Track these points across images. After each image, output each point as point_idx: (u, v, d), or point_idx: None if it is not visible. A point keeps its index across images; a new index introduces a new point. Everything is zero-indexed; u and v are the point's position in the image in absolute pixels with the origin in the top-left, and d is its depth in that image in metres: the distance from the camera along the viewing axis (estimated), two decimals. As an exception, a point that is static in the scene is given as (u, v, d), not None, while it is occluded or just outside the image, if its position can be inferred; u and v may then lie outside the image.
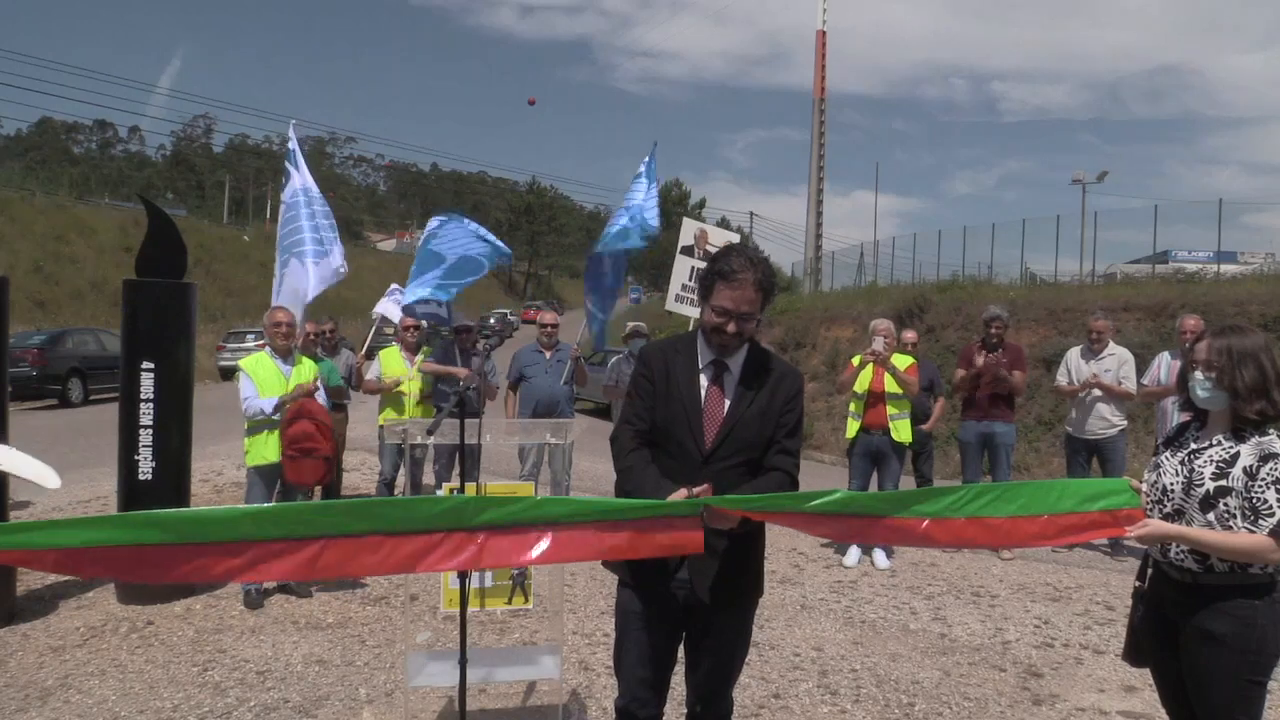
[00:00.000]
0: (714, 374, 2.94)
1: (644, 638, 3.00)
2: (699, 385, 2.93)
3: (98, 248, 40.75)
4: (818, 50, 34.06)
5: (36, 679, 4.69)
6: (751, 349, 2.98)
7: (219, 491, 9.55)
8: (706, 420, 2.90)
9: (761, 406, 2.91)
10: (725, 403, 2.92)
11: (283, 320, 5.95)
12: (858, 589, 6.66)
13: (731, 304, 2.82)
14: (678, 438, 2.91)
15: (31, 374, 18.40)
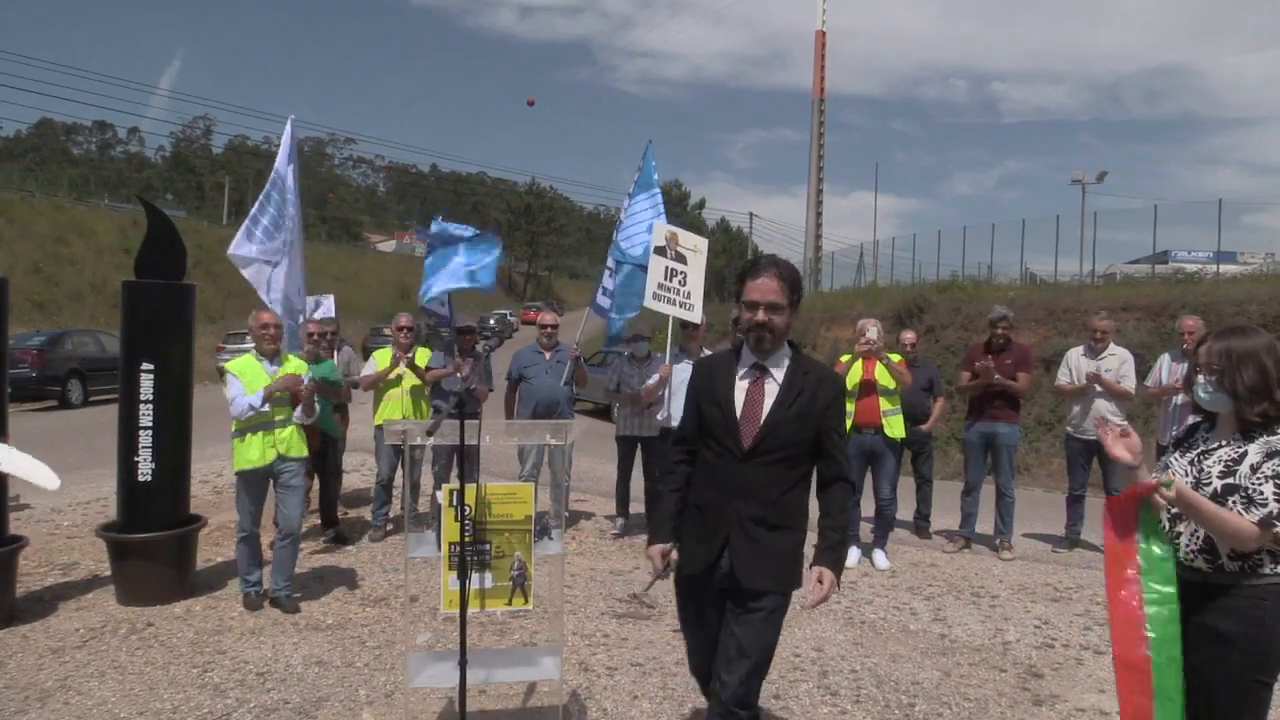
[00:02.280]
0: (755, 377, 3.18)
1: (697, 624, 3.34)
2: (735, 389, 3.17)
3: (97, 249, 40.73)
4: (817, 51, 34.08)
5: (36, 680, 4.68)
6: (793, 355, 3.23)
7: (218, 493, 9.55)
8: (746, 422, 3.12)
9: (801, 409, 3.12)
10: (765, 405, 3.13)
11: (269, 322, 5.89)
12: (858, 589, 6.66)
13: (758, 295, 3.10)
14: (718, 437, 3.16)
15: (31, 375, 18.37)
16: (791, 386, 3.15)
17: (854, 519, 7.43)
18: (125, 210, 47.31)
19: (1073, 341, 11.19)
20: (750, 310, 3.12)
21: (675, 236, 7.51)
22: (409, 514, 6.15)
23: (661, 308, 7.35)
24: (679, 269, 7.40)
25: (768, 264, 3.16)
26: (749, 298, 3.13)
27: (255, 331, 5.87)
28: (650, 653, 5.20)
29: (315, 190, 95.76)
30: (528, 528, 3.94)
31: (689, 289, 7.40)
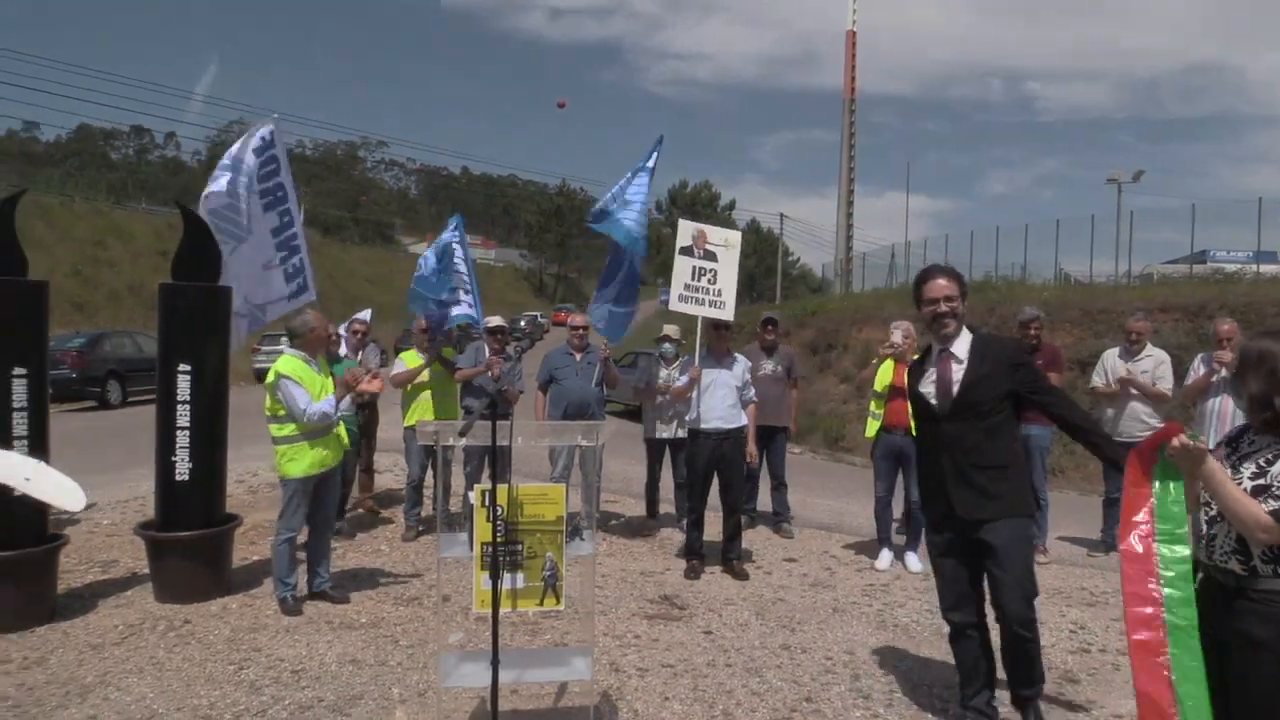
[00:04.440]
0: (942, 359, 4.09)
1: (941, 562, 4.16)
2: (923, 375, 4.17)
3: (135, 252, 41.35)
4: (848, 51, 33.95)
5: (76, 676, 4.76)
6: (975, 336, 4.10)
7: (253, 492, 9.66)
8: (940, 391, 4.04)
9: (985, 372, 3.97)
10: (954, 377, 4.01)
11: (318, 325, 5.96)
12: (890, 592, 6.62)
13: (935, 292, 4.05)
14: (921, 412, 4.21)
15: (71, 376, 18.69)
16: (976, 357, 4.00)
17: (885, 521, 7.39)
18: (162, 214, 47.94)
19: (1108, 343, 11.04)
20: (931, 305, 4.04)
21: (703, 234, 7.45)
22: (441, 514, 6.19)
23: (689, 309, 7.29)
24: (708, 267, 7.33)
25: (936, 269, 4.19)
26: (929, 295, 4.05)
27: (319, 334, 5.92)
28: (681, 654, 5.20)
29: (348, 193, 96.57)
30: (559, 528, 3.95)
31: (720, 286, 7.33)
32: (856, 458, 14.81)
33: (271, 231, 7.33)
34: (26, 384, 5.54)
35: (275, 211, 7.37)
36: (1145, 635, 2.74)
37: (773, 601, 6.32)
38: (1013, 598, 3.91)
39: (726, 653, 5.25)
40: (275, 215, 7.37)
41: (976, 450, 3.94)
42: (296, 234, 7.55)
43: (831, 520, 9.24)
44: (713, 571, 7.00)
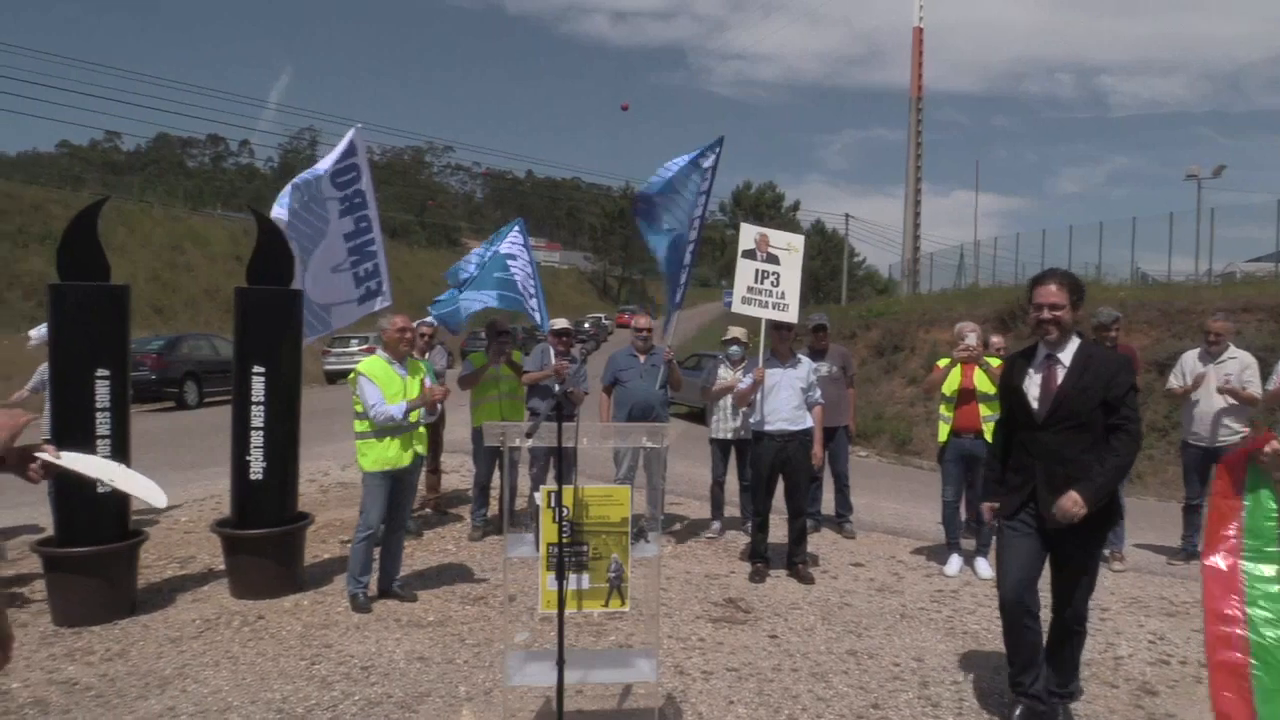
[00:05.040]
0: (1047, 364, 4.08)
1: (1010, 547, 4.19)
2: (1026, 374, 4.14)
3: (211, 256, 42.55)
4: (914, 48, 33.47)
5: (156, 668, 4.90)
6: (1081, 344, 4.08)
7: (324, 491, 9.85)
8: (1042, 396, 4.04)
9: (1087, 383, 3.96)
10: (1056, 383, 4.01)
11: (404, 326, 6.07)
12: (959, 599, 6.50)
13: (1041, 298, 4.05)
14: (1019, 414, 4.16)
15: (151, 377, 19.25)
16: (1078, 367, 3.99)
17: (953, 525, 7.26)
18: (237, 219, 49.28)
19: (1188, 344, 10.69)
20: (1037, 310, 4.05)
21: (765, 239, 7.41)
22: (507, 515, 6.24)
23: (752, 311, 7.26)
24: (771, 270, 7.30)
25: (1050, 274, 4.14)
26: (1036, 300, 4.06)
27: (390, 335, 6.01)
28: (746, 658, 5.16)
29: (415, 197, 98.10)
30: (624, 530, 3.95)
31: (783, 289, 7.29)
32: (924, 461, 14.59)
33: (345, 236, 7.49)
34: (109, 385, 5.72)
35: (352, 217, 7.53)
36: (1227, 655, 2.64)
37: (839, 606, 6.25)
38: (1074, 595, 4.08)
39: (792, 657, 5.20)
40: (351, 221, 7.53)
41: (1074, 462, 3.96)
42: (374, 240, 7.70)
43: (898, 524, 9.11)
44: (778, 575, 6.95)
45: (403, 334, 6.01)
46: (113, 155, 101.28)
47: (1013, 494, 4.19)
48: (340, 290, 7.54)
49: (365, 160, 7.66)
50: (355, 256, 7.59)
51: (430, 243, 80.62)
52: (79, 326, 5.72)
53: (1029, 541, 4.13)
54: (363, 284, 7.68)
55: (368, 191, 7.62)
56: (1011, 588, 4.17)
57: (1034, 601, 4.17)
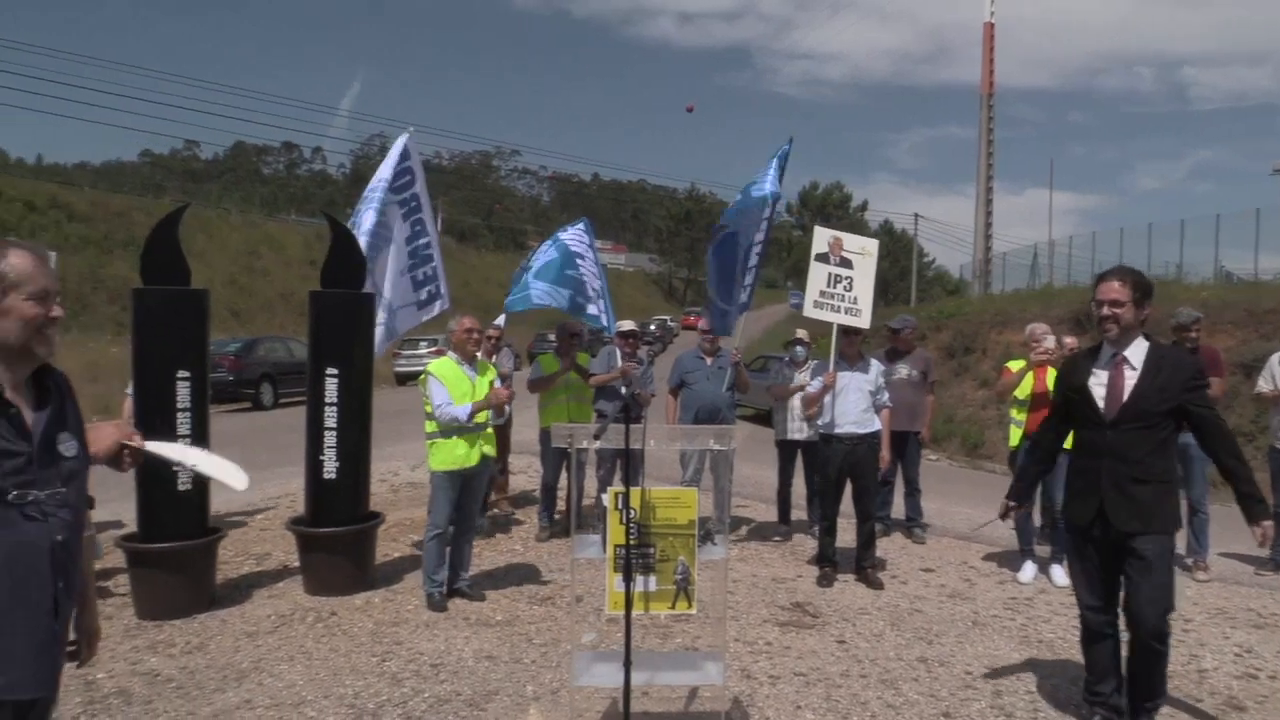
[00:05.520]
0: (1115, 364, 4.02)
1: (1082, 561, 4.17)
2: (1091, 373, 4.07)
3: (285, 261, 43.61)
4: (985, 44, 32.85)
5: (233, 661, 5.03)
6: (1151, 345, 4.02)
7: (395, 491, 10.01)
8: (1110, 396, 3.98)
9: (1159, 385, 3.90)
10: (1126, 384, 3.95)
11: (472, 327, 6.14)
12: (1033, 606, 6.34)
13: (1102, 294, 3.99)
14: (1083, 413, 4.08)
15: (228, 379, 19.78)
16: (1151, 368, 3.93)
17: (1027, 532, 7.09)
18: (310, 224, 50.47)
19: (1276, 345, 10.32)
20: (1098, 307, 4.01)
21: (839, 242, 7.33)
22: (574, 516, 6.28)
23: (824, 315, 7.19)
24: (844, 274, 7.21)
25: (1114, 271, 4.09)
26: (1097, 297, 4.02)
27: (459, 335, 6.09)
28: (814, 663, 5.11)
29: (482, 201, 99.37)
30: (691, 532, 3.94)
31: (855, 294, 7.20)
32: (996, 465, 14.29)
33: (405, 240, 7.61)
34: (190, 386, 5.88)
35: (409, 221, 7.63)
36: None
37: (909, 612, 6.15)
38: (1150, 610, 3.94)
39: (861, 663, 5.13)
40: (408, 225, 7.64)
41: (1140, 464, 3.93)
42: (430, 244, 7.79)
43: (970, 529, 8.93)
44: (846, 579, 6.86)
45: (470, 334, 6.08)
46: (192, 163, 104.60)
47: (1080, 500, 4.12)
48: (404, 295, 7.67)
49: (419, 164, 7.77)
50: (413, 260, 7.71)
51: (497, 246, 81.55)
52: (161, 330, 5.90)
53: (1094, 560, 4.11)
54: (421, 288, 7.80)
55: (422, 195, 7.72)
56: (1086, 600, 4.18)
57: (1112, 612, 4.14)
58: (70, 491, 2.19)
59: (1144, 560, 3.93)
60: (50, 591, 2.12)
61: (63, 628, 2.19)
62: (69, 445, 2.20)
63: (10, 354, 2.09)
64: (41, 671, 2.12)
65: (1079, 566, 4.21)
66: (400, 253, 7.56)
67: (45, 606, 2.11)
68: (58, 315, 2.14)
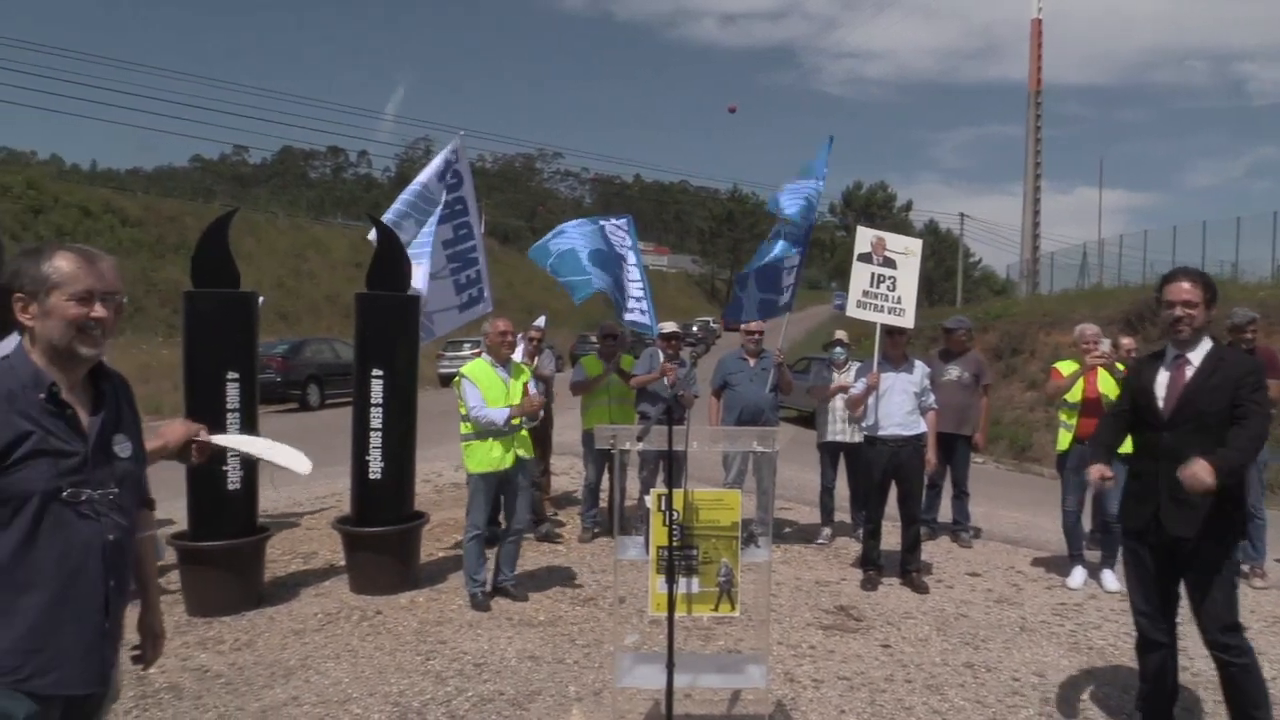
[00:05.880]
0: (1177, 365, 3.93)
1: (1138, 569, 4.05)
2: (1158, 375, 3.97)
3: (331, 264, 44.18)
4: (1033, 40, 32.45)
5: (281, 659, 5.10)
6: (1214, 346, 3.94)
7: (439, 492, 10.10)
8: (1169, 396, 3.89)
9: (1216, 383, 3.81)
10: (1183, 385, 3.87)
11: (506, 330, 6.18)
12: (1084, 612, 6.23)
13: (1174, 295, 3.86)
14: (1144, 415, 4.01)
15: (276, 380, 20.07)
16: (1208, 368, 3.84)
17: (1076, 536, 6.96)
18: (356, 227, 51.04)
19: (1335, 347, 10.03)
20: (1168, 308, 3.88)
21: (882, 242, 7.28)
22: (617, 518, 6.29)
23: (868, 315, 7.13)
24: (887, 274, 7.16)
25: (1182, 271, 3.98)
26: (1168, 298, 3.88)
27: (493, 338, 6.14)
28: (858, 667, 5.07)
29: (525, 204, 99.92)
30: (734, 534, 3.92)
31: (899, 294, 7.14)
32: (1044, 468, 14.08)
33: (444, 244, 7.62)
34: (239, 387, 5.98)
35: (450, 224, 7.66)
36: None
37: (955, 617, 6.07)
38: (1209, 623, 3.85)
39: (906, 668, 5.08)
40: (450, 228, 7.66)
41: None
42: (475, 247, 7.82)
43: (1017, 534, 8.80)
44: (890, 583, 6.79)
45: (504, 337, 6.12)
46: (241, 168, 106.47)
47: (1138, 505, 4.02)
48: (441, 297, 7.70)
49: (467, 168, 7.80)
50: (456, 264, 7.72)
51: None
52: (211, 332, 6.00)
53: (1151, 569, 4.01)
54: (464, 291, 7.82)
55: (469, 199, 7.74)
56: (1140, 606, 4.08)
57: (1168, 620, 4.05)
58: (124, 492, 2.23)
59: (1200, 570, 3.84)
60: (102, 590, 2.16)
61: (114, 626, 2.23)
62: (124, 446, 2.25)
63: (59, 354, 2.14)
64: (91, 669, 2.16)
65: (1134, 572, 4.11)
66: (438, 255, 7.60)
67: (96, 605, 2.15)
68: (100, 316, 2.17)
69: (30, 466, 2.03)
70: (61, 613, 2.09)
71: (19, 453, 2.01)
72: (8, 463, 2.00)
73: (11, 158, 65.55)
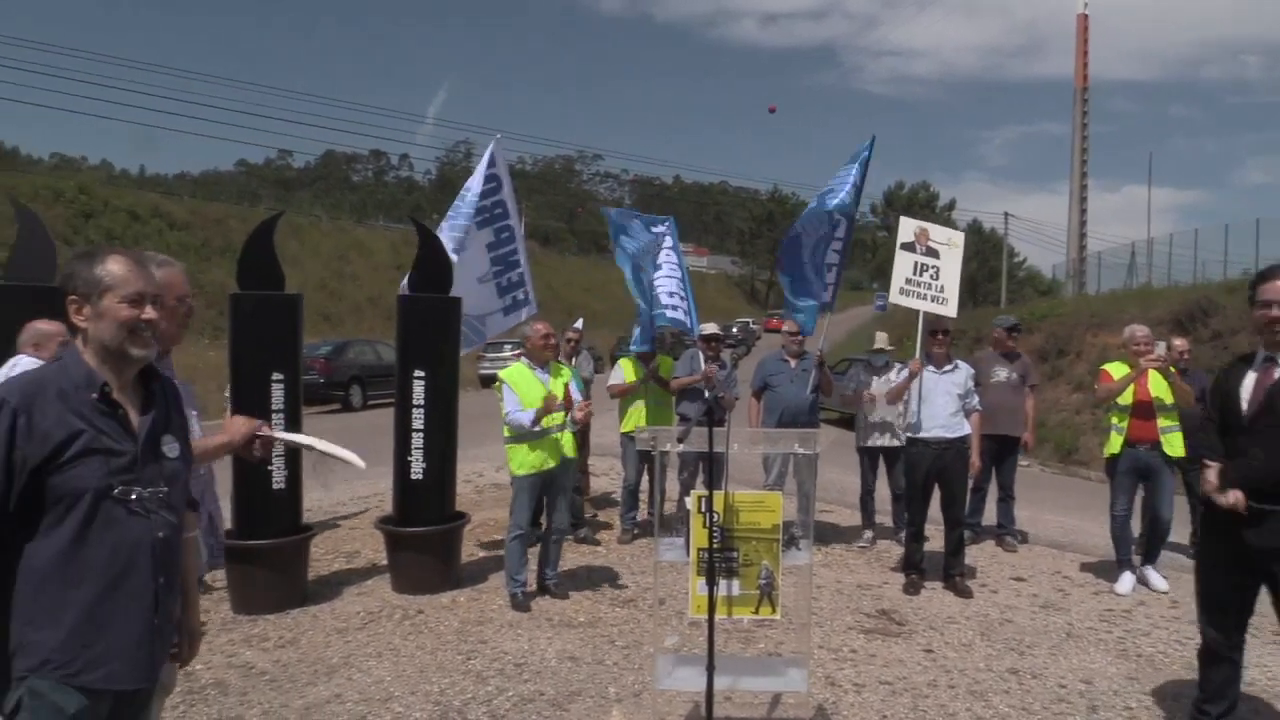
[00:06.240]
0: (1265, 368, 3.78)
1: (1211, 575, 3.94)
2: (1242, 377, 3.83)
3: (374, 266, 44.63)
4: (1079, 35, 31.95)
5: (324, 656, 5.15)
6: None
7: (479, 492, 10.16)
8: (1250, 401, 3.75)
9: None
10: (1267, 386, 3.72)
11: (548, 333, 6.21)
12: (1132, 619, 6.11)
13: (1271, 294, 3.69)
14: (1224, 415, 3.88)
15: (319, 381, 20.27)
16: None
17: (1125, 541, 6.83)
18: (398, 230, 51.59)
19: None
20: (1264, 308, 3.71)
21: (925, 232, 7.25)
22: (657, 519, 6.28)
23: (911, 302, 7.13)
24: (930, 263, 7.13)
25: (1277, 270, 3.79)
26: (1262, 298, 3.72)
27: (534, 341, 6.18)
28: (900, 671, 5.01)
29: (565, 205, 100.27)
30: (775, 537, 3.90)
31: (942, 283, 7.11)
32: (1090, 471, 13.85)
33: (487, 247, 7.67)
34: (283, 388, 6.05)
35: (492, 228, 7.69)
36: None
37: (999, 622, 5.98)
38: None
39: (949, 673, 5.01)
40: (491, 231, 7.70)
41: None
42: (516, 250, 7.85)
43: (1063, 538, 8.66)
44: (933, 587, 6.72)
45: (546, 340, 6.16)
46: (285, 172, 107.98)
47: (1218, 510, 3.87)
48: (486, 301, 7.74)
49: (506, 171, 7.84)
50: (498, 267, 7.76)
51: (580, 250, 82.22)
52: (257, 333, 6.08)
53: (1224, 577, 3.86)
54: (507, 294, 7.85)
55: (509, 202, 7.78)
56: (1209, 625, 3.94)
57: (1238, 635, 3.92)
58: (172, 491, 2.28)
59: None
60: (151, 587, 2.20)
61: (163, 622, 2.27)
62: (172, 447, 2.30)
63: (111, 355, 2.19)
64: (140, 664, 2.20)
65: (1208, 584, 3.97)
66: (480, 260, 7.64)
67: (146, 601, 2.20)
68: (150, 318, 2.22)
69: (82, 465, 2.08)
70: (112, 609, 2.13)
71: (71, 451, 2.07)
72: (61, 461, 2.06)
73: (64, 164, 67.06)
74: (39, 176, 41.62)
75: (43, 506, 2.06)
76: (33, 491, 2.05)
